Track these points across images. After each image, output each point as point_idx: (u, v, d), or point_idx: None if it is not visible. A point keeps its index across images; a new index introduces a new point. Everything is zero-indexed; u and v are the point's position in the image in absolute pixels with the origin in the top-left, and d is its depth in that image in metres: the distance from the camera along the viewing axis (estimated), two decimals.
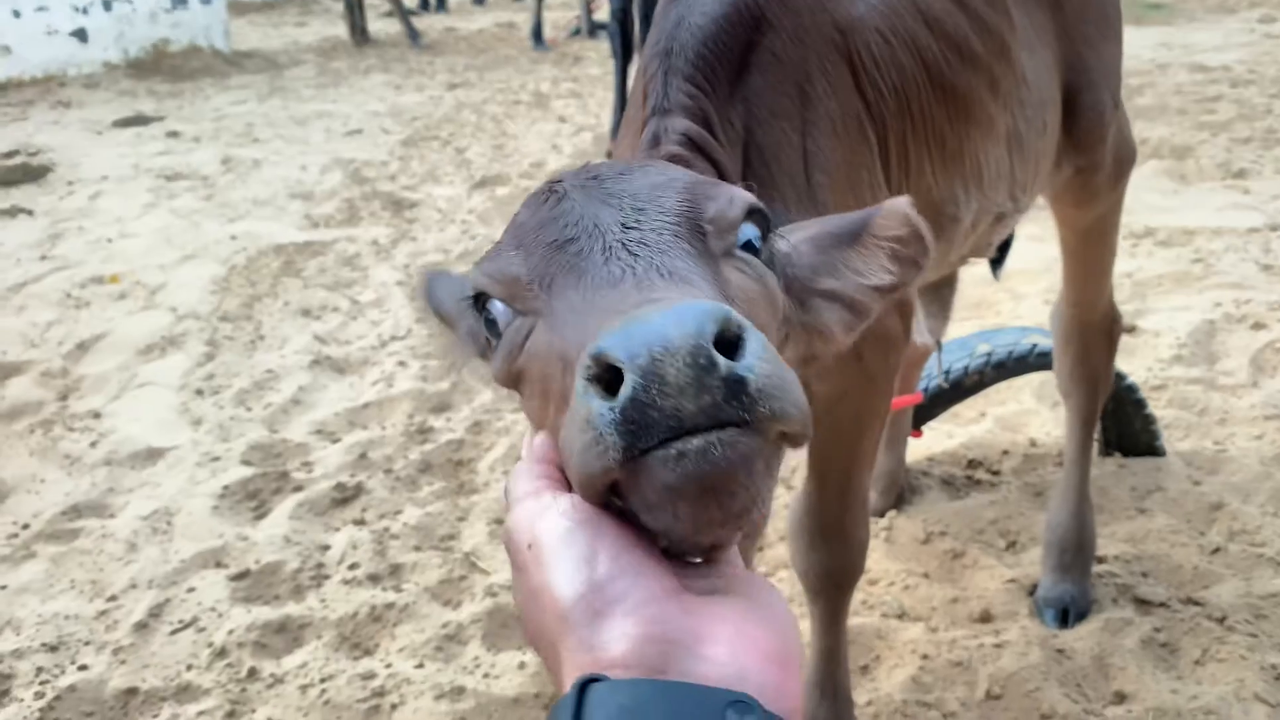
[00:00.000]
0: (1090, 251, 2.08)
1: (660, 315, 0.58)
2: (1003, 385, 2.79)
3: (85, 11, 8.58)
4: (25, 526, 2.63)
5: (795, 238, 0.97)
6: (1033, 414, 2.95)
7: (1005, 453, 2.73)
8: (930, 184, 1.46)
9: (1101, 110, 1.82)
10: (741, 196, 0.83)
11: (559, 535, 0.62)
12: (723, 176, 1.17)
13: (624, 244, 0.74)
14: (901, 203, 0.93)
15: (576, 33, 10.91)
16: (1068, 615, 2.11)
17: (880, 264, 0.94)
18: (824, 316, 0.98)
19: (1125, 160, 1.97)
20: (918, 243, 0.92)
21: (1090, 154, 1.84)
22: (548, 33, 10.59)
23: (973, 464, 2.70)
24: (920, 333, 2.02)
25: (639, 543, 0.62)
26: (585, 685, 0.55)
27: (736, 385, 0.58)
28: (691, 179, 0.84)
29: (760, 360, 0.59)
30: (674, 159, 1.11)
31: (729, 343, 0.59)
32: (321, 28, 12.70)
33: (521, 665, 2.09)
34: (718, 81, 1.25)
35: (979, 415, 2.96)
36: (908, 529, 2.44)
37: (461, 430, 3.03)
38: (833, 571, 1.67)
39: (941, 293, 1.92)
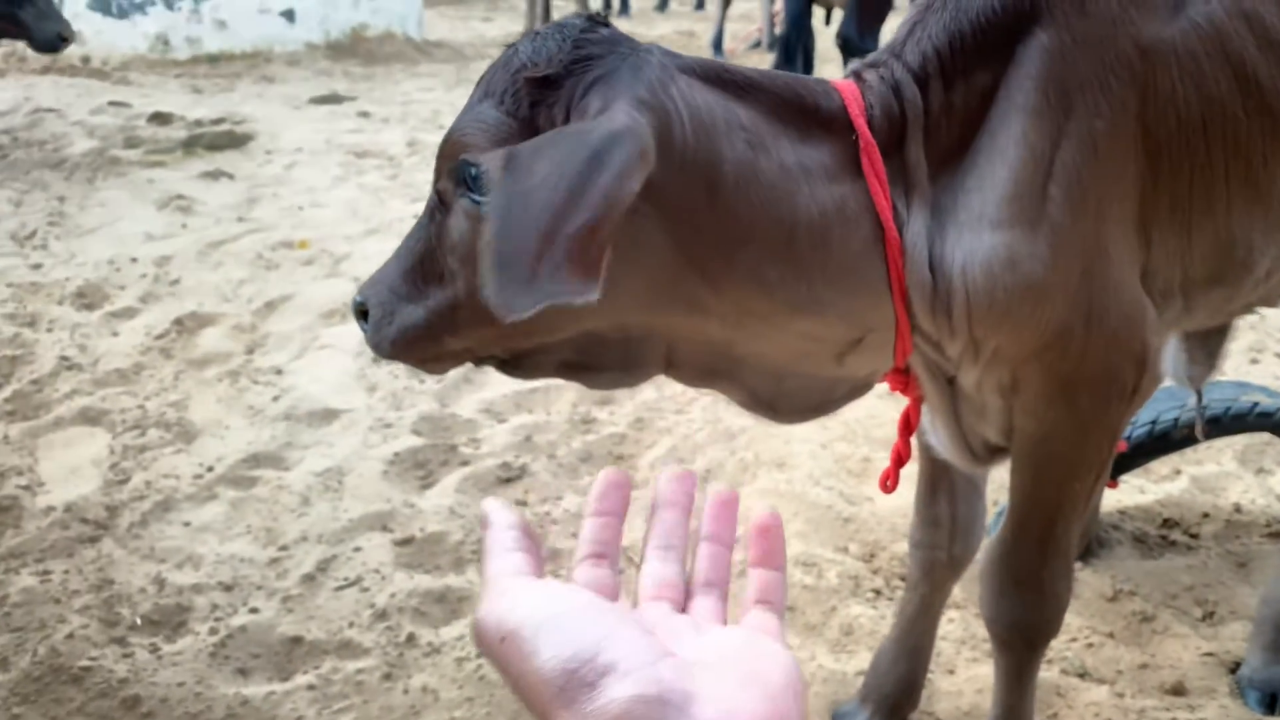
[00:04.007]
0: None
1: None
2: (1201, 444, 2.59)
3: None
4: (209, 469, 2.75)
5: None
6: (1234, 478, 2.72)
7: (1205, 515, 2.53)
8: (1220, 225, 1.33)
9: None
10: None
11: (536, 625, 0.60)
12: (897, 139, 1.23)
13: None
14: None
15: (756, 45, 10.88)
16: (1276, 702, 1.92)
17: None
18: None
19: None
20: None
21: None
22: (726, 43, 10.60)
23: (1168, 523, 2.51)
24: (1179, 379, 1.88)
25: (621, 614, 0.62)
26: None
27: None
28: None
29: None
30: (857, 87, 1.24)
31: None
32: (506, 24, 13.07)
33: None
34: (959, 54, 1.23)
35: (1173, 473, 2.76)
36: (1094, 584, 2.28)
37: (624, 425, 3.02)
38: (1024, 625, 1.55)
39: (1211, 338, 1.77)
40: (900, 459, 1.54)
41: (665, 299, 1.19)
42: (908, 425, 1.52)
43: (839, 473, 2.73)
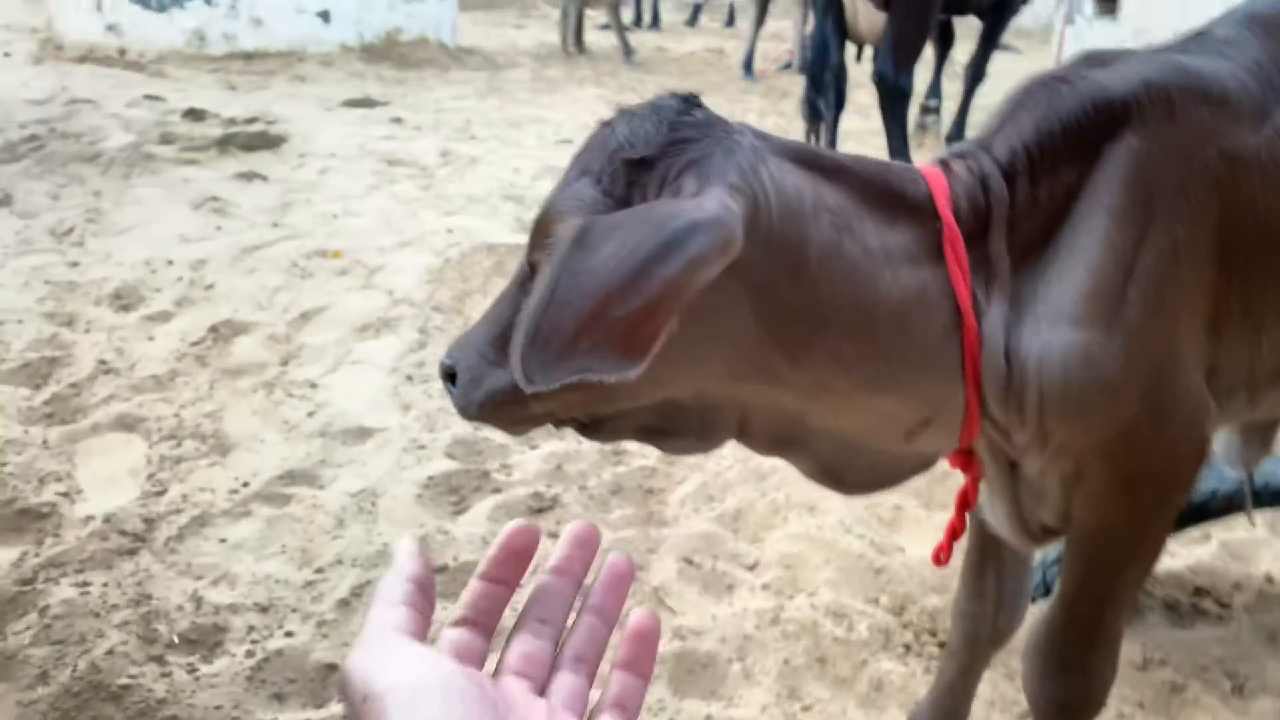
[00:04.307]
0: None
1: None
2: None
3: None
4: (245, 484, 2.77)
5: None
6: (1264, 545, 2.73)
7: (1237, 585, 2.54)
8: None
9: None
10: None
11: (399, 696, 0.57)
12: (981, 229, 1.26)
13: None
14: None
15: (787, 66, 10.89)
16: None
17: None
18: None
19: None
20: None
21: None
22: (757, 64, 10.62)
23: (1199, 592, 2.51)
24: (1232, 462, 1.89)
25: (482, 695, 0.60)
26: None
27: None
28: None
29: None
30: (944, 176, 1.27)
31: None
32: (539, 33, 13.11)
33: (708, 718, 2.05)
34: (1048, 152, 1.26)
35: (1203, 537, 2.76)
36: (1125, 651, 2.27)
37: (655, 458, 3.03)
38: (1068, 705, 1.57)
39: (1268, 426, 1.78)
40: (955, 533, 1.55)
41: (745, 371, 1.21)
42: (965, 502, 1.53)
43: (870, 520, 2.74)
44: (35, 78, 7.80)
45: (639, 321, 0.94)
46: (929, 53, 6.97)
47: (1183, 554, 2.67)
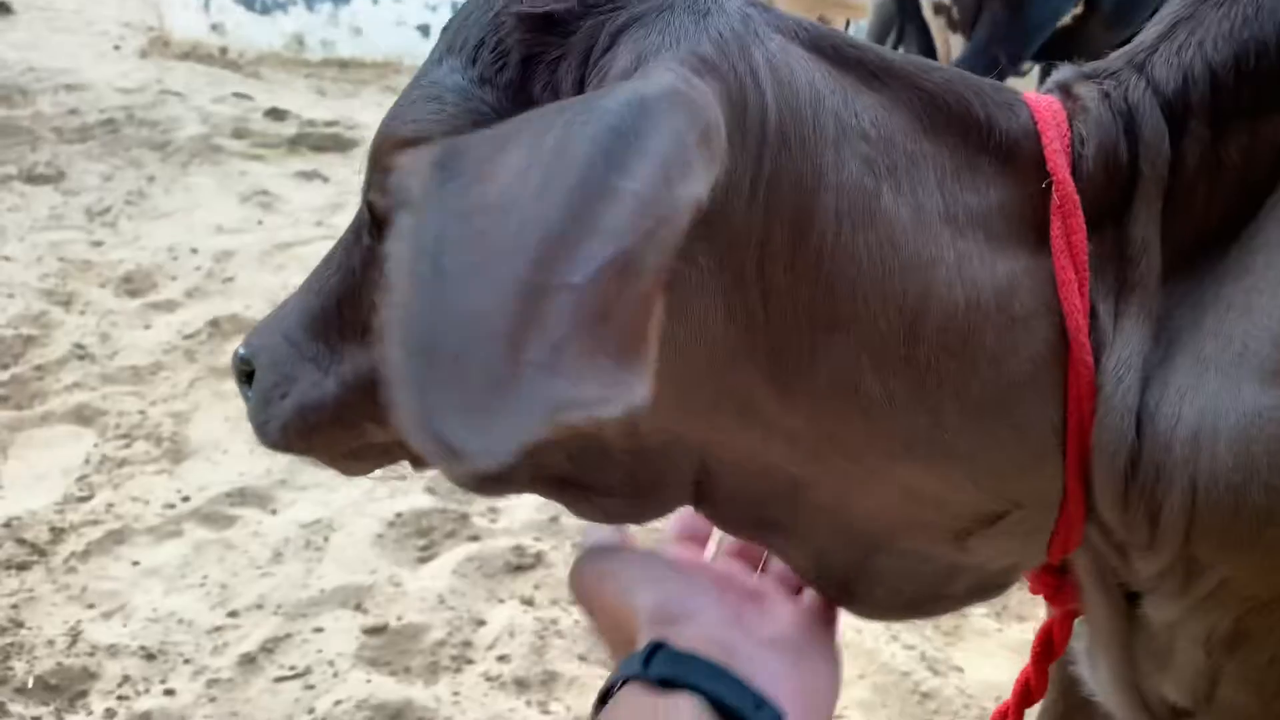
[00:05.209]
0: None
1: None
2: None
3: (434, 9, 8.98)
4: (185, 499, 2.37)
5: None
6: None
7: None
8: None
9: None
10: None
11: (636, 564, 0.74)
12: (1118, 201, 0.73)
13: None
14: None
15: None
16: None
17: None
18: None
19: None
20: None
21: None
22: None
23: None
24: None
25: (705, 573, 0.76)
26: (655, 648, 0.67)
27: None
28: None
29: None
30: (1062, 107, 0.74)
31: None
32: None
33: None
34: (1249, 81, 0.73)
35: None
36: None
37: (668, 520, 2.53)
38: None
39: None
40: (1030, 694, 1.02)
41: (706, 396, 0.71)
42: (1047, 647, 0.99)
43: (924, 627, 2.18)
44: (135, 70, 7.82)
45: (614, 288, 0.48)
46: None
47: None
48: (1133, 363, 0.71)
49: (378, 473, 2.48)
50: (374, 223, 0.79)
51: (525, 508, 2.49)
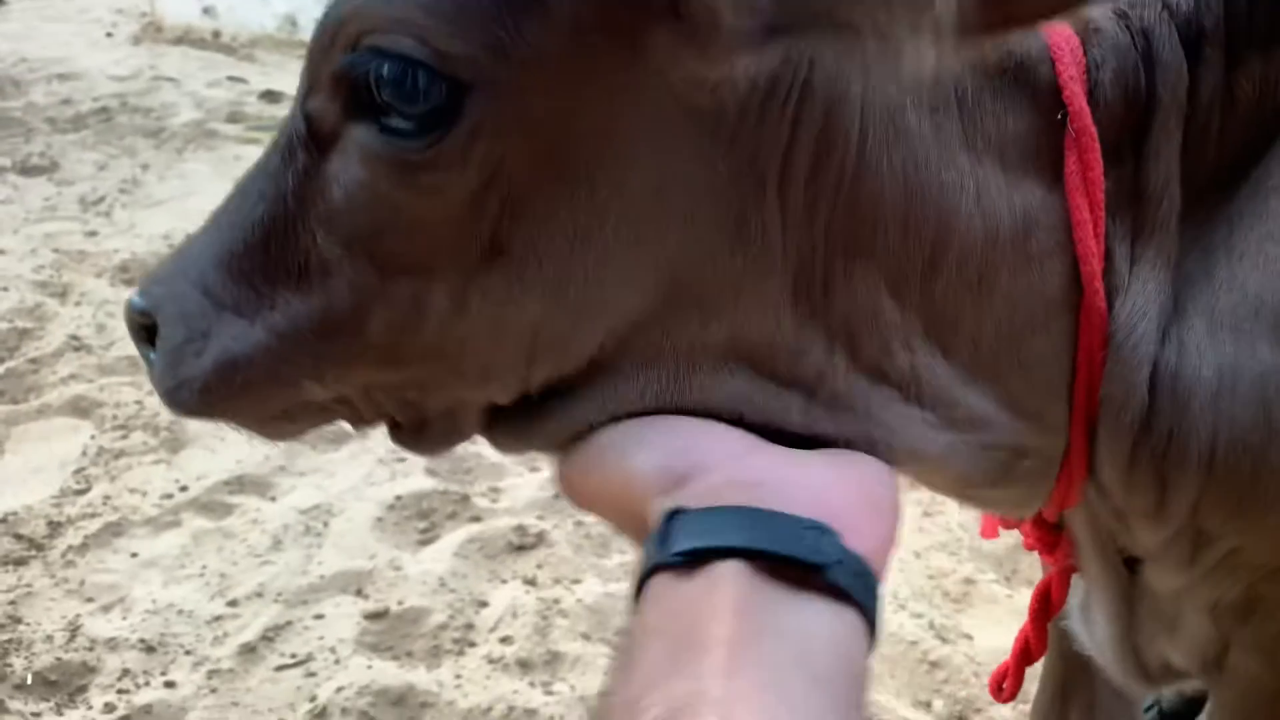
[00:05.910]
0: None
1: None
2: None
3: None
4: (184, 489, 2.35)
5: None
6: None
7: None
8: None
9: None
10: None
11: (631, 432, 0.63)
12: (1135, 133, 0.69)
13: None
14: None
15: None
16: None
17: None
18: None
19: None
20: None
21: None
22: None
23: None
24: None
25: (713, 422, 0.64)
26: (671, 516, 0.57)
27: None
28: None
29: None
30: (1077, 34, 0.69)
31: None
32: None
33: None
34: (1244, 18, 0.69)
35: None
36: None
37: None
38: None
39: None
40: (1029, 653, 0.99)
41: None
42: (1045, 605, 0.97)
43: (933, 594, 2.15)
44: (128, 56, 7.76)
45: None
46: None
47: None
48: (1148, 311, 0.67)
49: (377, 455, 2.44)
50: (313, 138, 0.72)
51: (529, 487, 2.46)
